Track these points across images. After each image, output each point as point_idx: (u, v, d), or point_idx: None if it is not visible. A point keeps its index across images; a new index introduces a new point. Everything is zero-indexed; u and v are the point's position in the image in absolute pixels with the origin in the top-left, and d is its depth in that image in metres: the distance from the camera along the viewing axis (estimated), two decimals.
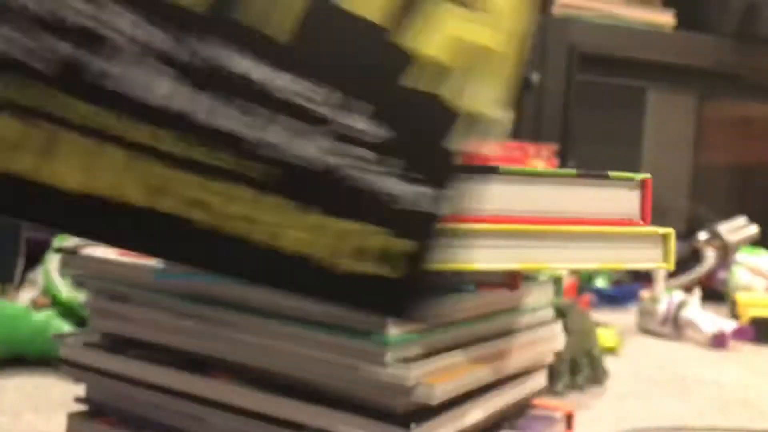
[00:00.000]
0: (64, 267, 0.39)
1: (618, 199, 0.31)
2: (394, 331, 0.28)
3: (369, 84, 0.21)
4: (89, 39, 0.20)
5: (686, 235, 1.34)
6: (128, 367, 0.35)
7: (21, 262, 0.73)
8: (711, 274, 1.25)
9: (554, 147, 1.41)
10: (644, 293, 1.06)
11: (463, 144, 0.23)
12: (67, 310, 0.62)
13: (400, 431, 0.29)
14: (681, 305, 0.96)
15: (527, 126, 1.70)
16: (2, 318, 0.58)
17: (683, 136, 1.90)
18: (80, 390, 0.39)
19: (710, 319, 0.94)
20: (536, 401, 0.39)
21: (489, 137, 0.23)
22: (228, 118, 0.21)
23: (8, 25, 0.20)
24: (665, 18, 1.76)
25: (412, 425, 0.29)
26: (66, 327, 0.60)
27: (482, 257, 0.28)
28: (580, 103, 1.70)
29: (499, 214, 0.29)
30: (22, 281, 0.70)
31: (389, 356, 0.28)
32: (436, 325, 0.31)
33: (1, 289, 0.64)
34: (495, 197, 0.29)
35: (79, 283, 0.61)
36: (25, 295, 0.64)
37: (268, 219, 0.22)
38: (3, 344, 0.58)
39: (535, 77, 1.69)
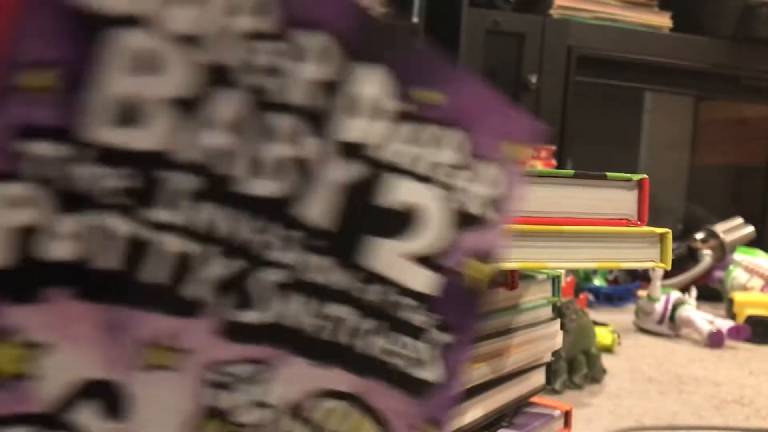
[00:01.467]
0: None
1: (615, 199, 0.31)
2: None
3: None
4: None
5: (683, 235, 1.35)
6: None
7: None
8: (707, 274, 1.26)
9: (552, 148, 1.41)
10: (641, 292, 1.06)
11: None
12: None
13: None
14: (678, 304, 0.97)
15: None
16: None
17: (680, 136, 1.91)
18: None
19: (707, 319, 0.94)
20: (534, 399, 0.39)
21: None
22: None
23: None
24: (662, 19, 1.77)
25: None
26: None
27: None
28: (577, 104, 1.70)
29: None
30: None
31: None
32: None
33: None
34: None
35: None
36: None
37: None
38: None
39: (533, 78, 1.69)
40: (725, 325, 0.93)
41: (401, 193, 0.20)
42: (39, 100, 0.16)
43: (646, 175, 0.32)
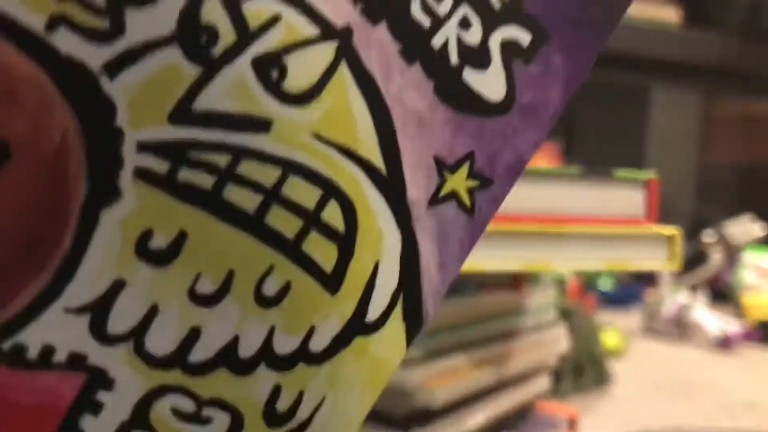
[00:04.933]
0: None
1: (623, 198, 0.30)
2: None
3: None
4: None
5: (691, 234, 1.33)
6: None
7: None
8: (717, 275, 1.24)
9: (558, 145, 1.40)
10: (649, 294, 1.05)
11: None
12: None
13: None
14: (686, 307, 0.95)
15: None
16: None
17: (689, 134, 1.89)
18: None
19: (716, 321, 0.93)
20: (539, 404, 0.39)
21: None
22: None
23: None
24: (670, 14, 1.76)
25: (413, 429, 0.28)
26: None
27: (484, 258, 0.27)
28: (584, 100, 1.69)
29: (501, 213, 0.28)
30: None
31: None
32: (437, 328, 0.30)
33: None
34: None
35: None
36: None
37: None
38: None
39: None
40: (735, 327, 0.92)
41: None
42: None
43: (654, 174, 0.31)
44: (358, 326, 0.16)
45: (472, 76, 0.16)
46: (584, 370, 0.65)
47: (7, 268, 0.13)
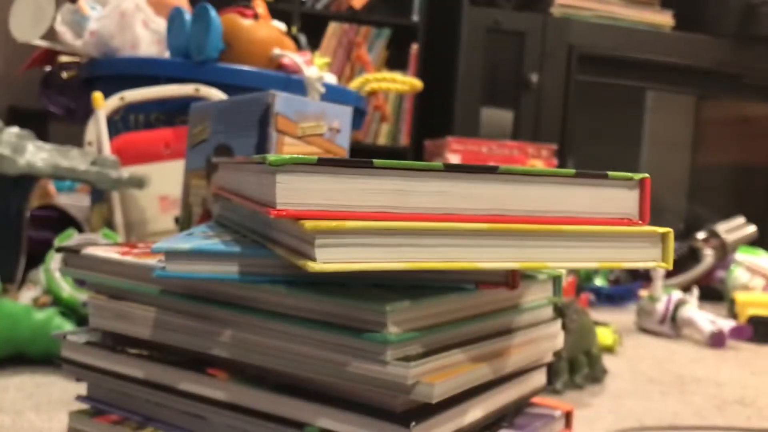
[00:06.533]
0: (66, 266, 0.39)
1: (617, 198, 0.31)
2: (393, 329, 0.28)
3: None
4: None
5: (684, 234, 1.34)
6: (129, 366, 0.35)
7: (22, 261, 0.72)
8: (709, 274, 1.25)
9: (553, 147, 1.41)
10: (643, 292, 1.06)
11: None
12: (68, 309, 0.62)
13: (399, 430, 0.29)
14: (679, 304, 0.96)
15: (526, 126, 1.70)
16: (3, 317, 0.58)
17: (682, 135, 1.90)
18: (81, 388, 0.38)
19: (708, 319, 0.94)
20: (535, 400, 0.39)
21: None
22: None
23: None
24: (664, 18, 1.77)
25: (412, 424, 0.29)
26: (67, 326, 0.60)
27: (481, 256, 0.28)
28: (579, 103, 1.70)
29: (498, 213, 0.29)
30: (23, 280, 0.70)
31: (389, 354, 0.28)
32: (436, 324, 0.31)
33: (2, 288, 0.64)
34: (494, 197, 0.29)
35: (80, 282, 0.61)
36: (27, 294, 0.64)
37: None
38: (4, 343, 0.58)
39: (534, 77, 1.69)
40: (727, 325, 0.93)
41: None
42: None
43: (647, 175, 0.31)
44: None
45: None
46: (580, 367, 0.66)
47: None
